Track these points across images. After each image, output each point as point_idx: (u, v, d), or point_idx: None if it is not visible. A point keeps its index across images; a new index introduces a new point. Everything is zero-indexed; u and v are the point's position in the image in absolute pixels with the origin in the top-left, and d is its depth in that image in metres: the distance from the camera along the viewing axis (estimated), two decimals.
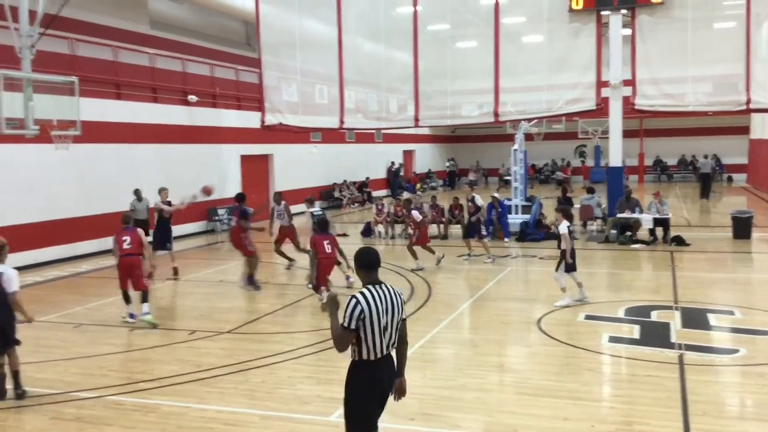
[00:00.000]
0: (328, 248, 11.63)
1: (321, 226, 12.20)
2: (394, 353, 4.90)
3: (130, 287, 10.89)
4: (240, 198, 14.52)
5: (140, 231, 10.98)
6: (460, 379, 7.91)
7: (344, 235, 21.21)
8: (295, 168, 28.00)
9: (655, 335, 9.35)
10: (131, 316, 10.92)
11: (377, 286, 4.75)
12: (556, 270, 11.40)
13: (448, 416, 6.69)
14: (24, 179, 16.04)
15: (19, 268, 15.56)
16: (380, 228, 20.76)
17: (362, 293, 4.70)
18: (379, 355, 4.72)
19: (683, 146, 41.75)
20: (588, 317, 10.37)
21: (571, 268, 11.30)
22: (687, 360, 8.14)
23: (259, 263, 13.76)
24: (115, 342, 9.98)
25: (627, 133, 20.72)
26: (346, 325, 4.64)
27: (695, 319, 10.13)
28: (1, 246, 7.90)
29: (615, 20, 18.63)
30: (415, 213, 15.40)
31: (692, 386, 7.28)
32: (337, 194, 31.51)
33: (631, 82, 18.58)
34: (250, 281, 13.30)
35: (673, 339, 9.09)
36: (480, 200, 16.53)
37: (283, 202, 15.62)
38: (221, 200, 22.99)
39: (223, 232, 22.34)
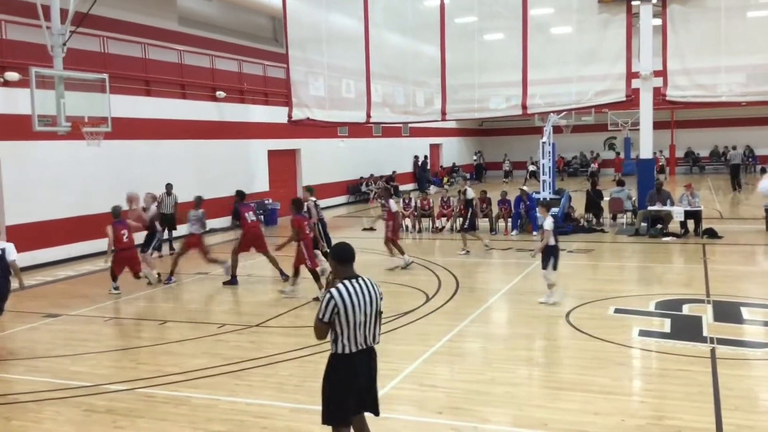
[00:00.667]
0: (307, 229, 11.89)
1: (296, 205, 12.12)
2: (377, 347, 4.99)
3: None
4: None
5: (129, 222, 12.52)
6: (489, 372, 7.87)
7: (371, 229, 21.25)
8: (322, 163, 28.10)
9: (687, 329, 9.21)
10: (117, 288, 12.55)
11: (354, 281, 4.80)
12: (544, 267, 10.87)
13: (477, 410, 6.66)
14: (57, 175, 16.31)
15: (53, 263, 16.01)
16: (407, 222, 20.74)
17: (338, 288, 4.75)
18: (354, 349, 4.79)
19: (716, 137, 41.06)
20: (618, 311, 10.25)
21: (550, 265, 10.77)
22: (719, 354, 8.02)
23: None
24: (145, 335, 10.13)
25: (658, 125, 20.43)
26: (320, 317, 4.74)
27: (728, 312, 9.96)
28: None
29: (645, 10, 18.35)
30: (391, 202, 14.73)
31: (724, 380, 7.16)
32: (364, 188, 31.54)
33: (662, 73, 18.31)
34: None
35: (705, 333, 8.95)
36: (471, 193, 16.37)
37: (201, 210, 13.91)
38: (249, 195, 23.15)
39: None
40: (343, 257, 4.89)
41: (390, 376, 7.63)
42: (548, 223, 10.77)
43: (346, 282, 4.78)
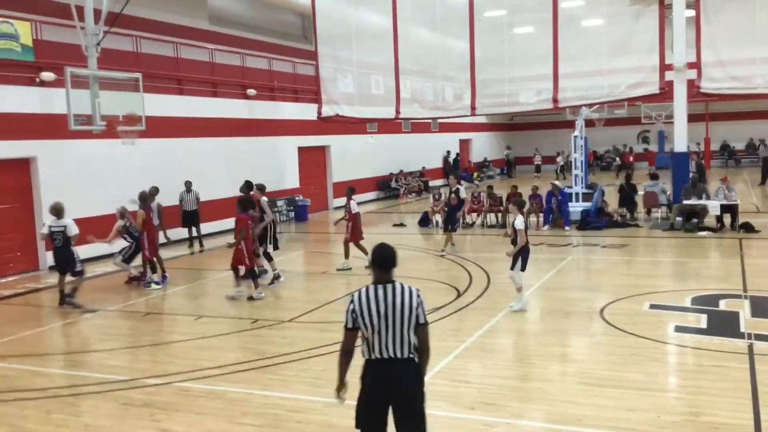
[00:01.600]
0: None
1: (242, 204, 12.19)
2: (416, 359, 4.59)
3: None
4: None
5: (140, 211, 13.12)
6: (522, 368, 7.86)
7: (401, 225, 21.28)
8: (352, 159, 28.17)
9: (724, 325, 9.08)
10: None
11: (381, 286, 4.56)
12: (512, 268, 10.23)
13: (510, 406, 6.65)
14: (93, 173, 16.58)
15: (90, 259, 16.27)
16: (437, 217, 20.71)
17: (359, 292, 4.61)
18: (375, 356, 4.55)
19: (751, 130, 40.28)
20: (653, 306, 10.14)
21: (519, 267, 10.19)
22: (757, 350, 7.88)
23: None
24: (181, 330, 10.27)
25: (692, 117, 20.07)
26: (344, 324, 4.60)
27: (766, 308, 9.80)
28: (61, 208, 11.69)
29: (678, 1, 18.03)
30: (352, 203, 14.18)
31: (762, 377, 7.04)
32: (393, 184, 31.56)
33: (695, 65, 18.02)
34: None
35: (743, 329, 8.81)
36: (463, 193, 16.11)
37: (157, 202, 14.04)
38: (280, 192, 23.35)
39: (282, 222, 22.67)
40: (377, 262, 4.64)
41: None
42: (519, 222, 10.12)
43: (370, 286, 4.58)
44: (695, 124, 36.63)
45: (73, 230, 11.66)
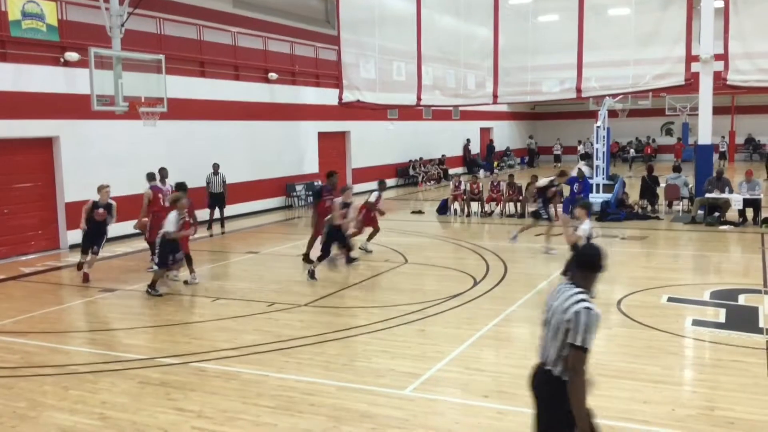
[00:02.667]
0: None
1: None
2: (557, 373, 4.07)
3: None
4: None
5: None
6: (536, 358, 7.81)
7: (420, 212, 21.25)
8: (372, 145, 28.13)
9: (743, 319, 8.98)
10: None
11: (564, 284, 4.15)
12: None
13: (523, 394, 6.59)
14: (115, 154, 16.72)
15: (111, 239, 16.42)
16: (456, 205, 20.66)
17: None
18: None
19: None
20: (671, 299, 10.05)
21: None
22: None
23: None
24: (199, 311, 10.36)
25: (717, 110, 19.80)
26: (586, 346, 3.94)
27: None
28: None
29: None
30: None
31: None
32: (412, 172, 31.49)
33: (723, 57, 17.74)
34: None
35: (762, 324, 8.71)
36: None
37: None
38: (299, 176, 23.41)
39: (300, 207, 22.75)
40: (579, 262, 4.17)
41: (436, 358, 7.67)
42: (583, 229, 10.26)
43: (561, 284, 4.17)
44: (720, 117, 36.08)
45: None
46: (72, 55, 15.32)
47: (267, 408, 6.49)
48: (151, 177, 13.42)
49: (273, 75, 22.52)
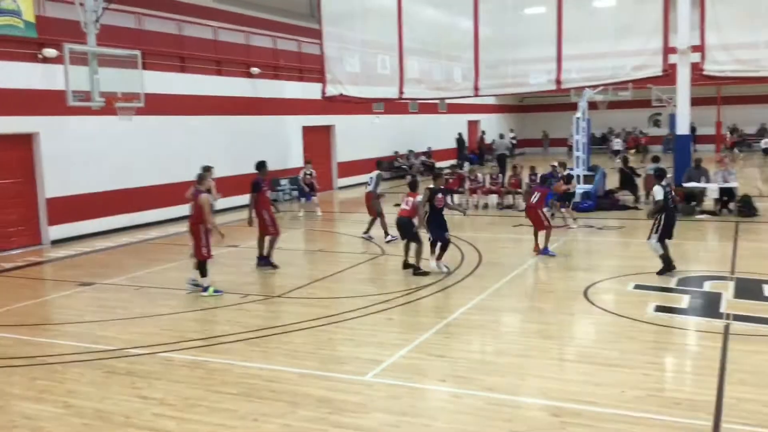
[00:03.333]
0: None
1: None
2: None
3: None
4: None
5: (203, 197, 10.68)
6: (498, 344, 7.99)
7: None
8: (357, 139, 28.21)
9: (704, 305, 9.17)
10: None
11: None
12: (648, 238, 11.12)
13: (480, 378, 6.78)
14: (94, 149, 16.78)
15: (91, 234, 16.52)
16: (475, 198, 20.51)
17: None
18: None
19: (764, 114, 39.84)
20: (638, 287, 10.22)
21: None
22: (733, 330, 7.96)
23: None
24: (172, 304, 10.45)
25: (703, 101, 19.94)
26: None
27: (750, 289, 9.84)
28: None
29: None
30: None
31: (734, 356, 7.13)
32: (398, 164, 31.53)
33: (700, 48, 17.89)
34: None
35: (723, 309, 8.88)
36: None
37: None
38: (284, 171, 23.47)
39: (285, 201, 22.83)
40: None
41: (399, 345, 7.82)
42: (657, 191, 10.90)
43: None
44: (706, 108, 36.38)
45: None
46: (50, 52, 15.36)
47: (229, 395, 6.62)
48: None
49: (255, 70, 22.58)
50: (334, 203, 23.54)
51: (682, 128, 18.82)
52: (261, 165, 13.00)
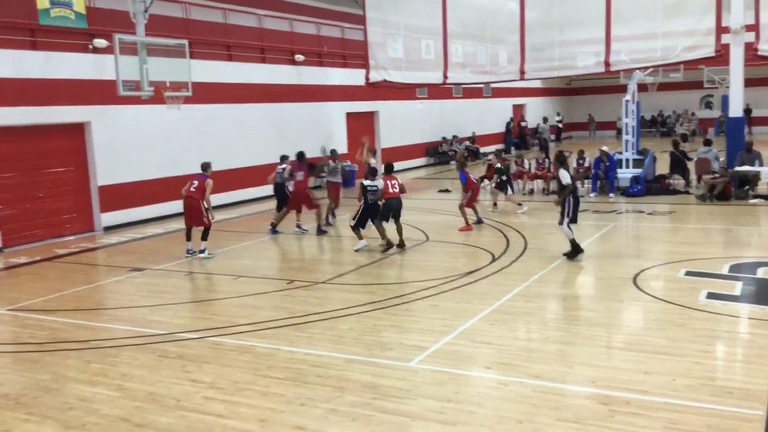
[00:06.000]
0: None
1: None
2: None
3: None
4: (301, 156, 15.19)
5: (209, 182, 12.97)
6: (545, 332, 7.92)
7: (447, 190, 21.25)
8: (401, 124, 28.15)
9: (758, 293, 8.92)
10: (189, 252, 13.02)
11: None
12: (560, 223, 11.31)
13: (526, 366, 6.74)
14: (144, 138, 17.13)
15: (141, 221, 16.90)
16: (530, 183, 20.36)
17: None
18: None
19: None
20: (689, 273, 10.01)
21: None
22: None
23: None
24: (220, 289, 10.67)
25: (759, 81, 19.31)
26: None
27: None
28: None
29: None
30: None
31: None
32: (443, 150, 31.35)
33: (754, 27, 17.32)
34: (320, 230, 14.73)
35: None
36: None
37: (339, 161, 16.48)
38: (328, 158, 23.50)
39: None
40: None
41: (445, 332, 7.82)
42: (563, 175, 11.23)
43: None
44: (763, 89, 35.19)
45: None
46: (100, 42, 15.68)
47: (276, 379, 6.72)
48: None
49: (299, 57, 22.68)
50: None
51: (735, 110, 18.31)
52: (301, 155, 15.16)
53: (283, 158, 15.72)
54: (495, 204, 17.39)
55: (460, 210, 14.71)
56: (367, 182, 12.78)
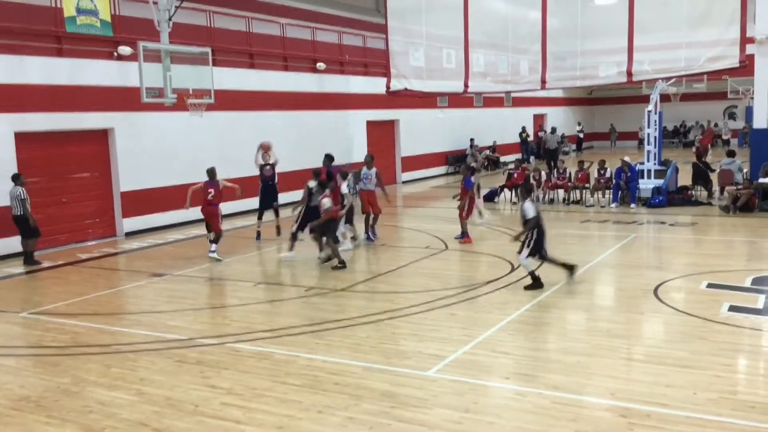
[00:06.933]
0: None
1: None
2: None
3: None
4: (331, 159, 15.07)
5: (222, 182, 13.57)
6: (564, 342, 7.86)
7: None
8: (421, 133, 28.17)
9: None
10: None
11: None
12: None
13: (544, 377, 6.69)
14: (167, 144, 17.29)
15: (163, 227, 17.03)
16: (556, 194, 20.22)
17: None
18: None
19: None
20: (711, 285, 9.89)
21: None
22: None
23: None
24: (240, 295, 10.71)
25: None
26: None
27: None
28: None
29: None
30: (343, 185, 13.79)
31: None
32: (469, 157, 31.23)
33: None
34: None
35: None
36: (345, 188, 13.91)
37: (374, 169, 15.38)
38: (352, 165, 23.58)
39: (353, 195, 22.93)
40: None
41: (463, 341, 7.79)
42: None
43: None
44: None
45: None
46: (125, 49, 15.87)
47: (293, 386, 6.73)
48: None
49: (321, 65, 22.81)
50: (397, 197, 23.57)
51: (760, 121, 18.10)
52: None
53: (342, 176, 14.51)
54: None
55: (460, 219, 14.38)
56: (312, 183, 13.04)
